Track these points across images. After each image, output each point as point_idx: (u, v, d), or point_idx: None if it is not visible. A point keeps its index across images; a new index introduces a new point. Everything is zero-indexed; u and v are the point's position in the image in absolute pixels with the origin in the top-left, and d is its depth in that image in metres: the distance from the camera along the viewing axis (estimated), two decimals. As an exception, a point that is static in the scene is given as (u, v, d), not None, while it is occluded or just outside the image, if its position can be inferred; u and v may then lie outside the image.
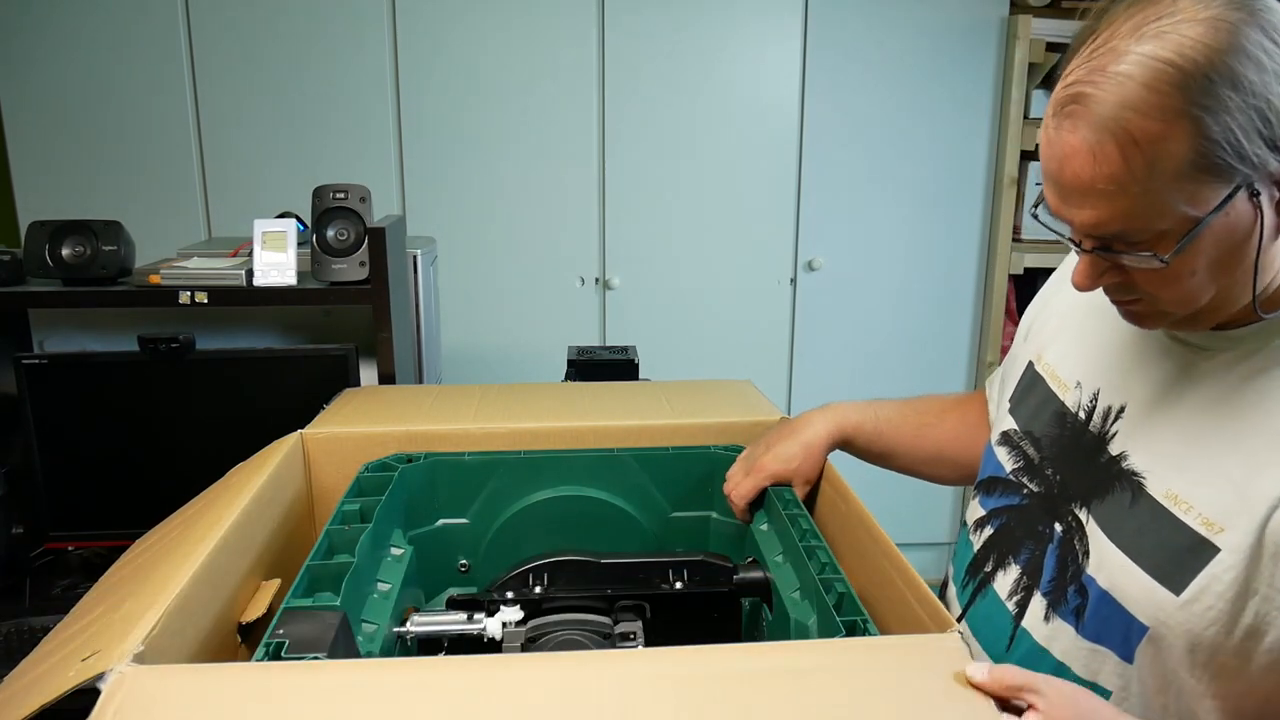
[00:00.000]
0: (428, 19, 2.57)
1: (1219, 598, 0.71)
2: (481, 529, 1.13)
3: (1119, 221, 0.68)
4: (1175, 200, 0.65)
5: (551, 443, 1.17)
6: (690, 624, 0.97)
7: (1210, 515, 0.72)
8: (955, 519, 3.00)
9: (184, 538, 0.89)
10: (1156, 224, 0.67)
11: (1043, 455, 0.90)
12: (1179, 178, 0.64)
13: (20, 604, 1.46)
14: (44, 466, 1.50)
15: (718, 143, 2.70)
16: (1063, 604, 0.82)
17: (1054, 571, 0.84)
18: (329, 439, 1.17)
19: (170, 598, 0.73)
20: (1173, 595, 0.73)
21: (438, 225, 2.52)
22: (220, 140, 2.59)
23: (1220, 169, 0.64)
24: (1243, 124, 0.62)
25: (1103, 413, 0.84)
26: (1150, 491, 0.77)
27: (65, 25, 2.48)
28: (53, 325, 1.68)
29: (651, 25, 2.61)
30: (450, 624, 0.92)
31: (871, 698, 0.61)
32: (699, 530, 1.17)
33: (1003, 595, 0.89)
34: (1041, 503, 0.88)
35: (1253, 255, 0.68)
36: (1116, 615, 0.77)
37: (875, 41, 2.65)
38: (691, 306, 2.79)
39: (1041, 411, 0.91)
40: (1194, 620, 0.72)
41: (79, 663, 0.65)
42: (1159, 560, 0.75)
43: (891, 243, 2.81)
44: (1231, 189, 0.65)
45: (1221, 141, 0.63)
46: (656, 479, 1.15)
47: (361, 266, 1.52)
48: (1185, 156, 0.63)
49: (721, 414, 1.25)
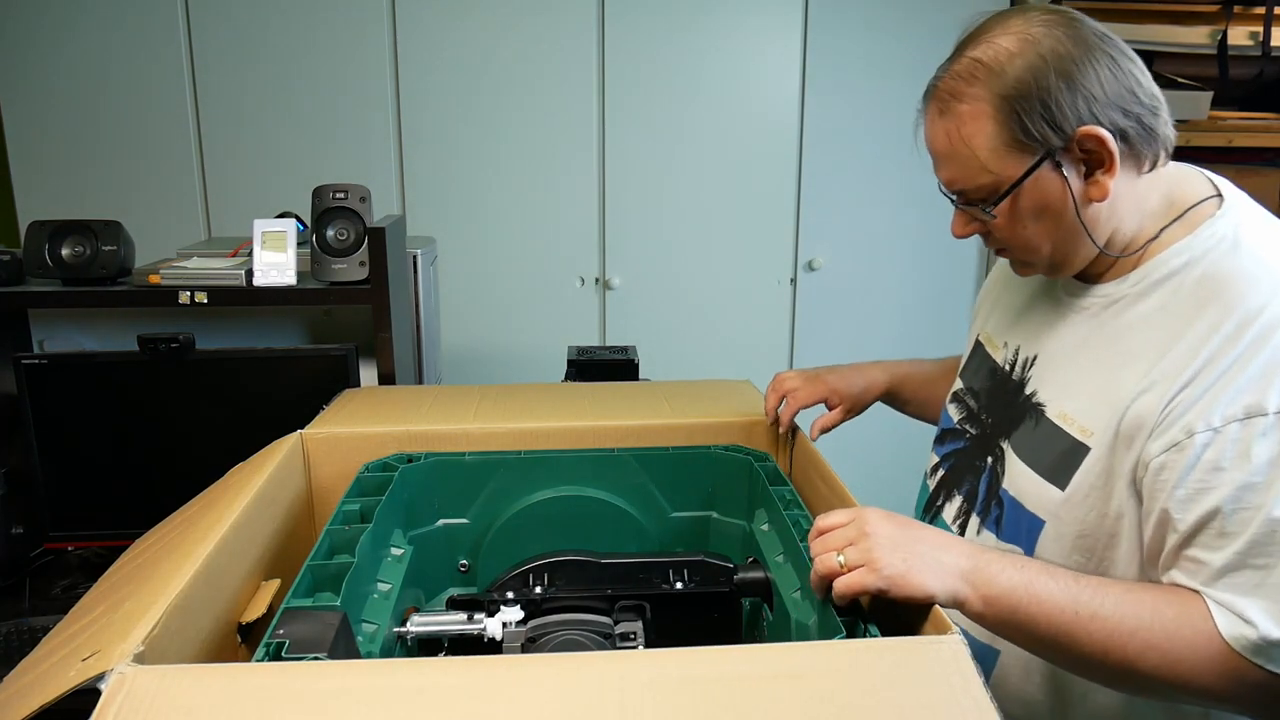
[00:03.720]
0: (428, 19, 2.57)
1: (1091, 488, 0.88)
2: (482, 529, 1.13)
3: (958, 181, 0.90)
4: (990, 165, 0.86)
5: (551, 443, 1.17)
6: (690, 624, 0.96)
7: (1085, 424, 0.89)
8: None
9: (184, 538, 0.89)
10: (981, 182, 0.88)
11: (979, 405, 1.07)
12: (989, 150, 0.86)
13: (20, 604, 1.47)
14: (44, 466, 1.50)
15: (718, 143, 2.70)
16: (988, 517, 0.99)
17: (984, 493, 1.01)
18: (329, 439, 1.17)
19: (171, 597, 0.73)
20: (1059, 491, 0.90)
21: (438, 225, 2.52)
22: (220, 140, 2.59)
23: (1019, 144, 0.85)
24: (1029, 109, 0.83)
25: (1022, 363, 1.01)
26: (1048, 415, 0.94)
27: (65, 25, 2.48)
28: (53, 325, 1.68)
29: (651, 25, 2.61)
30: (450, 624, 0.92)
31: (870, 700, 0.61)
32: (699, 530, 1.17)
33: (949, 520, 1.06)
34: (978, 443, 1.05)
35: (1071, 213, 0.87)
36: (1022, 517, 0.94)
37: (875, 41, 2.65)
38: (691, 306, 2.78)
39: (980, 370, 1.10)
40: (1075, 510, 0.89)
41: (79, 663, 0.65)
42: (1049, 465, 0.92)
43: (891, 243, 2.80)
44: (1034, 161, 0.85)
45: (1014, 123, 0.84)
46: (657, 479, 1.15)
47: (361, 266, 1.52)
48: (991, 131, 0.85)
49: (720, 414, 1.25)
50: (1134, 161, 0.87)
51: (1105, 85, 0.83)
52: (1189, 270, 0.87)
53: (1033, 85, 0.83)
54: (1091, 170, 0.86)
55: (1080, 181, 0.86)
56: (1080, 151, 0.85)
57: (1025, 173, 0.86)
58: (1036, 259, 0.93)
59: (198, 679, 0.63)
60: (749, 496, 1.14)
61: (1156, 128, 0.86)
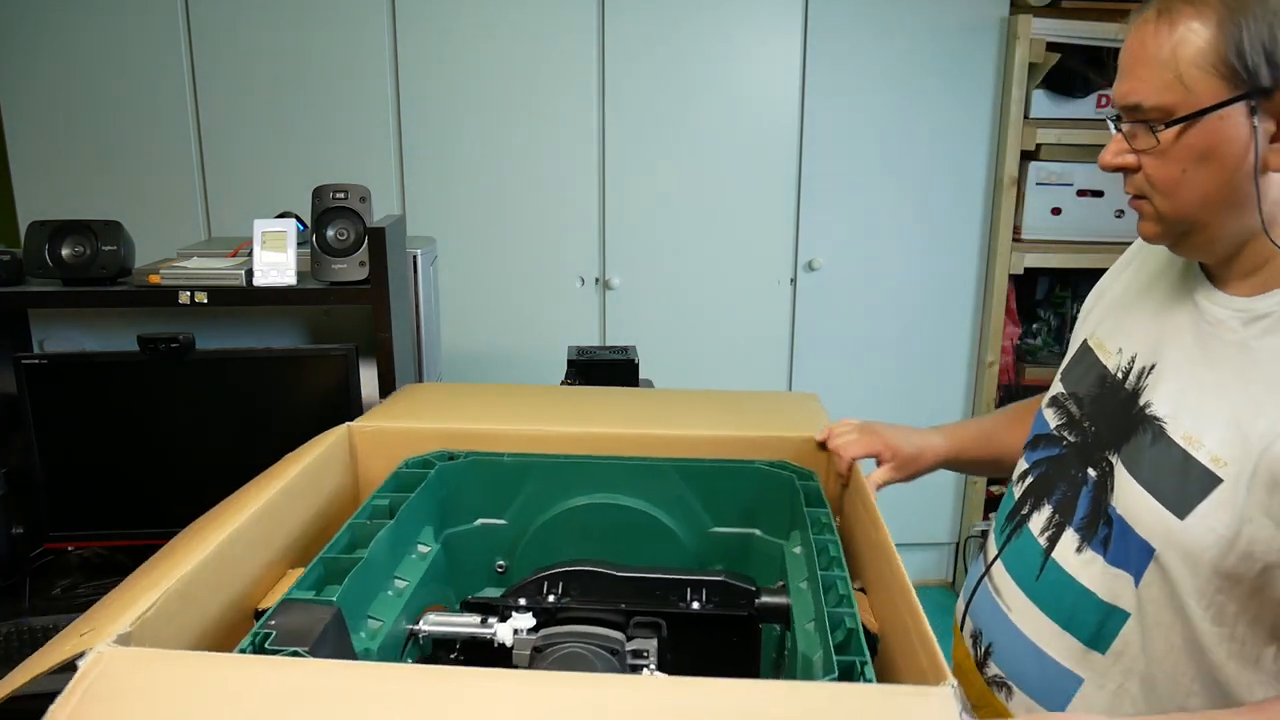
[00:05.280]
0: (428, 19, 2.57)
1: (1218, 521, 0.81)
2: (519, 531, 1.10)
3: (1139, 92, 0.82)
4: (1185, 78, 0.79)
5: (593, 448, 1.13)
6: (707, 647, 0.91)
7: (1218, 452, 0.82)
8: (956, 519, 2.99)
9: (208, 523, 0.90)
10: (1165, 100, 0.80)
11: (1083, 411, 0.99)
12: (1193, 62, 0.79)
13: (20, 604, 1.46)
14: (44, 466, 1.50)
15: (718, 142, 2.70)
16: (1093, 536, 0.92)
17: (1086, 509, 0.93)
18: (375, 433, 1.16)
19: (172, 581, 0.74)
20: (1178, 519, 0.83)
21: (438, 225, 2.52)
22: (220, 140, 2.59)
23: (1227, 68, 0.78)
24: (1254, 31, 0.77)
25: (1138, 372, 0.94)
26: (1170, 434, 0.86)
27: (65, 25, 2.48)
28: (53, 325, 1.68)
29: (651, 25, 2.61)
30: (463, 626, 0.91)
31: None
32: (741, 548, 1.10)
33: (1035, 532, 0.99)
34: (1078, 451, 0.97)
35: (1243, 172, 0.80)
36: (1131, 541, 0.87)
37: (875, 41, 2.65)
38: (691, 306, 2.78)
39: (1086, 375, 1.01)
40: (1193, 541, 0.82)
41: (77, 638, 0.66)
42: (1170, 490, 0.85)
43: (891, 243, 2.80)
44: (1233, 95, 0.78)
45: (1232, 41, 0.77)
46: (697, 491, 1.09)
47: (361, 266, 1.52)
48: (1204, 42, 0.78)
49: (776, 427, 1.18)
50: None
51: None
52: None
53: (1267, 8, 0.77)
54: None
55: (1268, 142, 0.79)
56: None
57: (1219, 104, 0.78)
58: (1174, 214, 0.84)
59: (171, 664, 0.64)
60: (790, 515, 1.08)
61: None
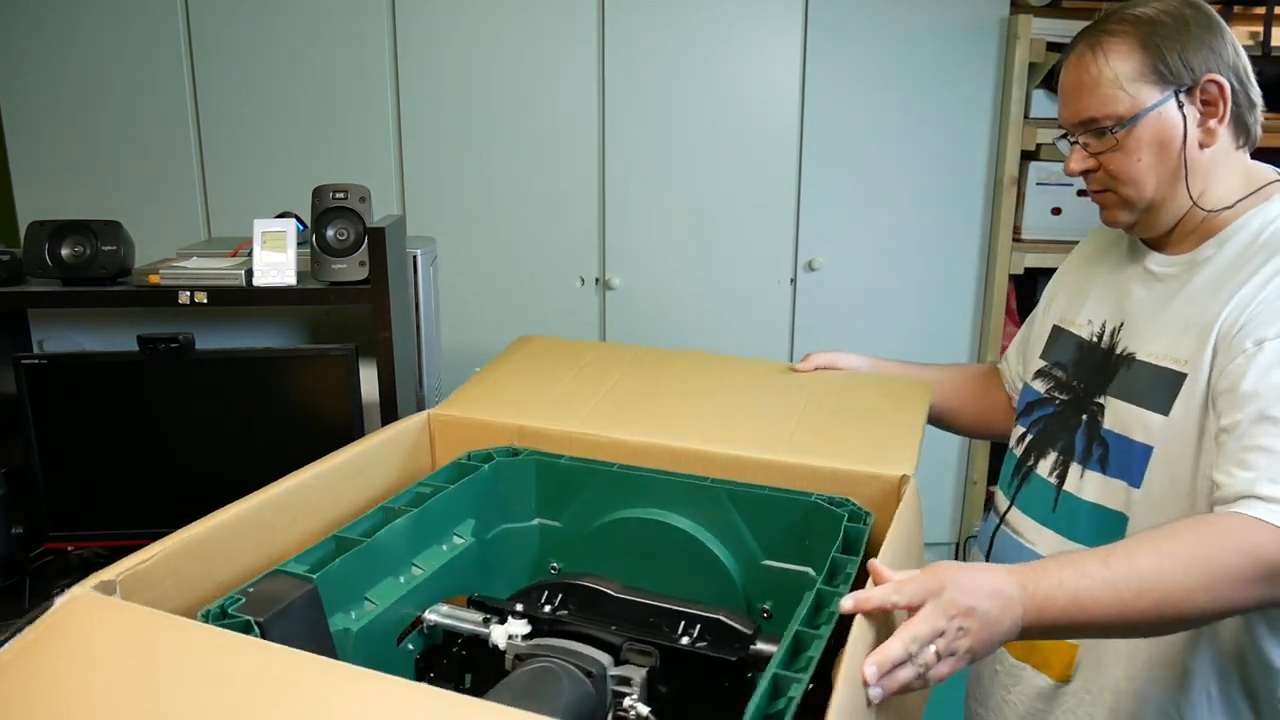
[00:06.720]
0: (428, 19, 2.57)
1: (1196, 406, 0.98)
2: (572, 535, 1.09)
3: (1091, 109, 1.04)
4: (1128, 89, 1.01)
5: (657, 461, 1.07)
6: (695, 686, 0.86)
7: (1177, 354, 1.02)
8: (955, 519, 3.00)
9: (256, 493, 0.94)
10: (1116, 109, 1.02)
11: (1069, 374, 1.17)
12: (1130, 76, 1.01)
13: (20, 604, 1.46)
14: (44, 466, 1.50)
15: (718, 142, 2.70)
16: (1092, 460, 1.09)
17: (1084, 441, 1.11)
18: (450, 423, 1.18)
19: (180, 538, 0.78)
20: (1162, 416, 1.01)
21: (438, 225, 2.52)
22: (220, 140, 2.59)
23: (1156, 74, 1.01)
24: (1169, 45, 1.00)
25: (1110, 331, 1.13)
26: (1140, 358, 1.06)
27: (65, 25, 2.48)
28: (52, 325, 1.67)
29: (651, 25, 2.61)
30: (463, 622, 0.93)
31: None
32: (795, 586, 0.97)
33: (1044, 474, 1.15)
34: (1071, 405, 1.15)
35: (1180, 153, 1.02)
36: (1127, 448, 1.04)
37: (875, 41, 2.65)
38: (691, 306, 2.78)
39: (1065, 348, 1.20)
40: (1184, 429, 0.99)
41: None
42: (1149, 397, 1.03)
43: (891, 243, 2.80)
44: (1164, 96, 1.01)
45: (1155, 54, 1.01)
46: (749, 519, 1.01)
47: (361, 266, 1.52)
48: (1135, 60, 1.01)
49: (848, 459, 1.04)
50: (1235, 130, 1.03)
51: (1228, 52, 1.01)
52: (1265, 229, 1.00)
53: (1174, 27, 1.01)
54: (1206, 118, 1.01)
55: (1195, 126, 1.02)
56: (1201, 95, 1.01)
57: (1157, 103, 1.01)
58: (1138, 197, 1.05)
59: (129, 618, 0.68)
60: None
61: (1255, 115, 1.04)
